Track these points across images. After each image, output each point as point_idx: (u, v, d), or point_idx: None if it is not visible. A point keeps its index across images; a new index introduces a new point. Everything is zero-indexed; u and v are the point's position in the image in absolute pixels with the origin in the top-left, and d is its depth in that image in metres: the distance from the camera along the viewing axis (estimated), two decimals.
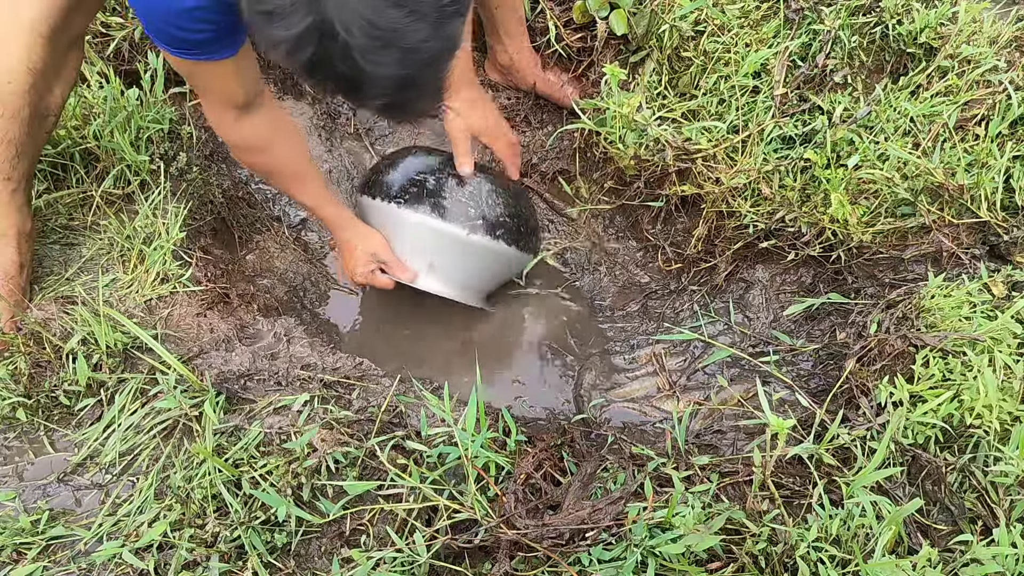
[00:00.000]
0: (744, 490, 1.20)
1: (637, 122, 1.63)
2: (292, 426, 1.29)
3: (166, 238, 1.50)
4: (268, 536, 1.16)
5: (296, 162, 1.49)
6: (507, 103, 1.99)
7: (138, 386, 1.33)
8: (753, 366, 1.61)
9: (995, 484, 1.16)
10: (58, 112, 1.38)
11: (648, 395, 1.70)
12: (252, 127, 1.35)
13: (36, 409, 1.33)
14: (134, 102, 1.62)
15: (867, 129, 1.57)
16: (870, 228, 1.53)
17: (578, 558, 1.08)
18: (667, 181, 1.71)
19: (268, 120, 1.37)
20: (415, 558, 1.10)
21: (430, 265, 1.66)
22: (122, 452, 1.29)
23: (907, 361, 1.31)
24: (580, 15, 1.78)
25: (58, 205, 1.55)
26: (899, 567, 1.00)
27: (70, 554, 1.19)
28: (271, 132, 1.39)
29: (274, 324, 1.54)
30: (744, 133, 1.61)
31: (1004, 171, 1.48)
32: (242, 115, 1.32)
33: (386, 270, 1.66)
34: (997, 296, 1.38)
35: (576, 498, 1.16)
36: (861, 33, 1.65)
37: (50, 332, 1.35)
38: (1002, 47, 1.60)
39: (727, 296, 1.78)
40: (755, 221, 1.62)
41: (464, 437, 1.17)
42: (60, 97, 1.37)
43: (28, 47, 1.25)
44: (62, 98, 1.37)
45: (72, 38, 1.32)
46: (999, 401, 1.19)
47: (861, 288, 1.58)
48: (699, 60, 1.67)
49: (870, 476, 1.11)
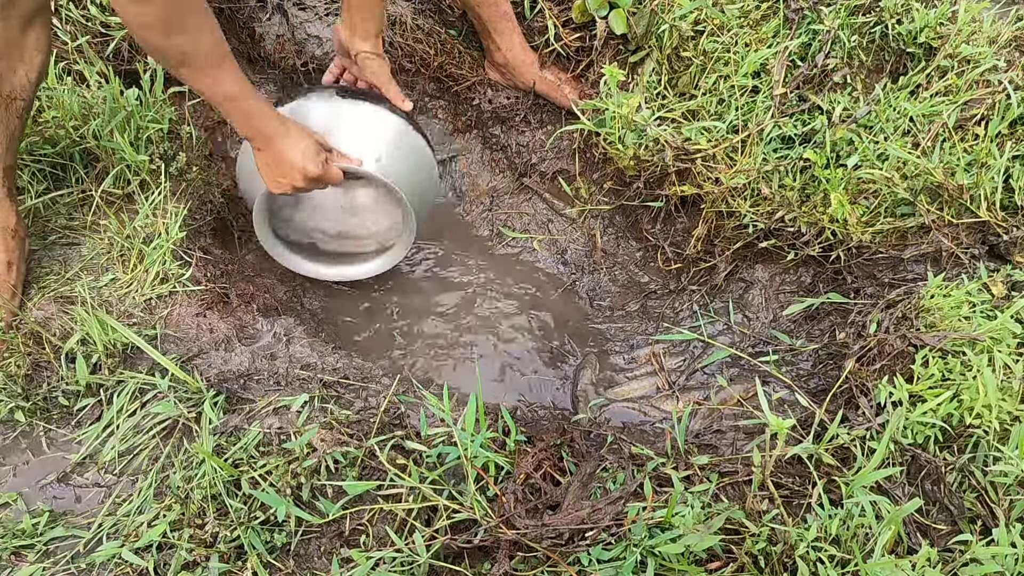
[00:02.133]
0: (744, 490, 1.20)
1: (636, 122, 1.63)
2: (292, 426, 1.29)
3: (166, 238, 1.50)
4: (268, 536, 1.16)
5: (211, 41, 1.26)
6: (506, 102, 1.99)
7: (137, 386, 1.33)
8: (753, 366, 1.61)
9: (995, 484, 1.16)
10: (28, 96, 1.33)
11: (647, 395, 1.70)
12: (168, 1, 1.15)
13: (35, 410, 1.33)
14: (134, 102, 1.62)
15: (867, 129, 1.57)
16: (870, 228, 1.53)
17: (578, 558, 1.08)
18: (667, 181, 1.71)
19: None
20: (415, 558, 1.10)
21: (377, 159, 1.54)
22: (121, 452, 1.29)
23: (907, 361, 1.31)
24: (579, 14, 1.77)
25: (58, 205, 1.55)
26: (898, 567, 1.00)
27: (69, 555, 1.19)
28: (179, 6, 1.18)
29: (274, 324, 1.54)
30: (744, 133, 1.61)
31: (1004, 171, 1.48)
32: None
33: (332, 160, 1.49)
34: (996, 296, 1.38)
35: (576, 498, 1.16)
36: (861, 33, 1.65)
37: (50, 332, 1.35)
38: (1002, 47, 1.60)
39: (727, 296, 1.78)
40: (755, 221, 1.62)
41: (463, 437, 1.17)
42: (27, 79, 1.32)
43: None
44: (29, 81, 1.32)
45: (25, 15, 1.26)
46: (998, 401, 1.19)
47: (861, 288, 1.58)
48: (699, 60, 1.67)
49: (870, 476, 1.11)
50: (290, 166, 1.43)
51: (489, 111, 2.01)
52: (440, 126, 2.09)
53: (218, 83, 1.29)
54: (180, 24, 1.19)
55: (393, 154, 1.55)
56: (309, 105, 1.53)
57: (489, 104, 2.00)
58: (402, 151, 1.57)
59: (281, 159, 1.42)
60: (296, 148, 1.41)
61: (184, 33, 1.20)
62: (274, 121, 1.39)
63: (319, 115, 1.52)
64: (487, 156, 2.00)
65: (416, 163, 1.61)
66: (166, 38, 1.19)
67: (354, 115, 1.54)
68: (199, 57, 1.25)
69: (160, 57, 1.27)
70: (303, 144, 1.42)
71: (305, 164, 1.42)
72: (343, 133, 1.52)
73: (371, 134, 1.54)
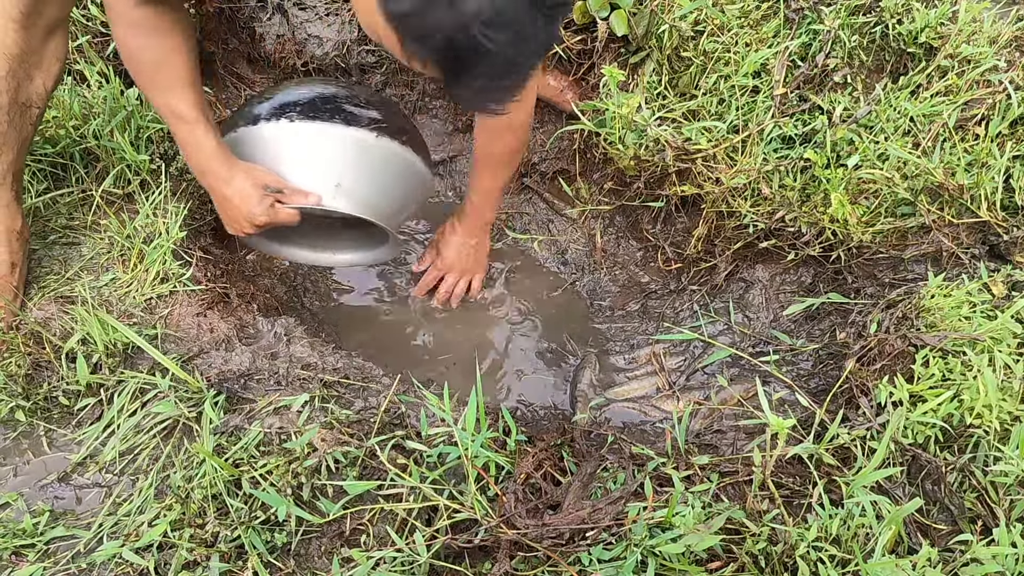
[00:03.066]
0: (744, 490, 1.20)
1: (637, 123, 1.63)
2: (292, 426, 1.29)
3: (166, 237, 1.50)
4: (268, 536, 1.16)
5: (183, 61, 1.27)
6: None
7: (138, 386, 1.33)
8: (753, 366, 1.61)
9: (995, 484, 1.16)
10: (42, 104, 1.35)
11: (648, 395, 1.70)
12: (153, 8, 1.20)
13: (35, 410, 1.33)
14: (134, 101, 1.62)
15: (867, 129, 1.57)
16: (870, 228, 1.53)
17: (578, 558, 1.08)
18: (667, 181, 1.71)
19: (174, 14, 1.23)
20: (415, 558, 1.10)
21: (336, 185, 1.41)
22: (122, 452, 1.29)
23: (907, 361, 1.31)
24: (580, 16, 1.77)
25: (58, 204, 1.55)
26: (899, 567, 1.00)
27: (70, 555, 1.19)
28: (170, 22, 1.23)
29: (274, 324, 1.54)
30: (744, 133, 1.61)
31: (1004, 171, 1.48)
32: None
33: (283, 200, 1.41)
34: (997, 296, 1.38)
35: (576, 498, 1.16)
36: (861, 33, 1.65)
37: (50, 332, 1.35)
38: (1002, 47, 1.60)
39: (727, 296, 1.78)
40: (755, 221, 1.62)
41: (464, 437, 1.17)
42: (43, 88, 1.33)
43: (1, 31, 1.22)
44: (46, 89, 1.34)
45: (49, 24, 1.29)
46: (999, 401, 1.19)
47: (861, 288, 1.58)
48: (699, 60, 1.67)
49: (870, 476, 1.11)
50: (235, 212, 1.40)
51: None
52: (440, 126, 2.09)
53: (183, 99, 1.29)
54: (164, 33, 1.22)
55: (357, 172, 1.43)
56: (258, 133, 1.42)
57: None
58: (368, 165, 1.44)
59: (227, 205, 1.40)
60: (238, 194, 1.37)
61: (163, 41, 1.23)
62: (216, 163, 1.35)
63: (269, 144, 1.41)
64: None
65: (389, 172, 1.48)
66: (145, 38, 1.22)
67: (307, 139, 1.40)
68: (173, 74, 1.27)
69: (134, 57, 1.27)
70: (246, 187, 1.37)
71: (251, 211, 1.38)
72: (295, 162, 1.41)
73: (327, 157, 1.41)
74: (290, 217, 1.42)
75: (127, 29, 1.23)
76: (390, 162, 1.46)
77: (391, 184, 1.49)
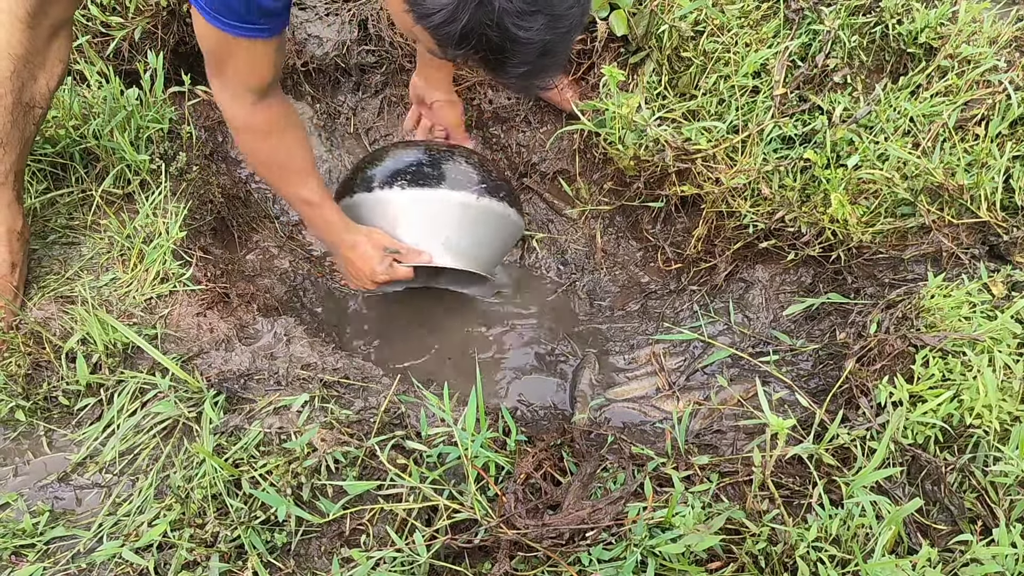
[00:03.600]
0: (744, 490, 1.20)
1: (637, 122, 1.63)
2: (292, 426, 1.29)
3: (166, 237, 1.50)
4: (268, 536, 1.16)
5: (303, 154, 1.45)
6: (507, 103, 1.99)
7: (137, 386, 1.33)
8: (753, 366, 1.61)
9: (995, 484, 1.16)
10: (45, 105, 1.36)
11: (648, 395, 1.70)
12: (267, 111, 1.32)
13: (35, 410, 1.33)
14: (134, 102, 1.62)
15: (867, 129, 1.57)
16: (870, 228, 1.53)
17: (578, 558, 1.08)
18: (667, 181, 1.71)
19: (282, 107, 1.36)
20: (415, 558, 1.10)
21: (444, 242, 1.61)
22: (122, 452, 1.29)
23: (907, 361, 1.31)
24: None
25: (58, 204, 1.55)
26: (899, 567, 1.00)
27: (70, 555, 1.19)
28: (283, 119, 1.37)
29: (274, 324, 1.54)
30: (744, 133, 1.61)
31: (1004, 171, 1.48)
32: (260, 99, 1.30)
33: (400, 260, 1.60)
34: (997, 296, 1.38)
35: (576, 498, 1.16)
36: (861, 33, 1.65)
37: (50, 332, 1.35)
38: (1002, 47, 1.60)
39: (727, 296, 1.78)
40: (755, 221, 1.62)
41: (464, 437, 1.17)
42: (46, 88, 1.34)
43: (7, 31, 1.23)
44: (48, 89, 1.34)
45: (53, 25, 1.30)
46: (999, 401, 1.19)
47: (861, 288, 1.58)
48: (699, 60, 1.67)
49: (870, 476, 1.11)
50: (359, 272, 1.59)
51: (490, 111, 2.01)
52: None
53: (302, 188, 1.46)
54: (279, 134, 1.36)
55: (461, 231, 1.62)
56: (374, 199, 1.61)
57: (489, 104, 2.01)
58: (471, 224, 1.62)
59: (351, 266, 1.59)
60: (362, 258, 1.57)
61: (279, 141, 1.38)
62: (342, 232, 1.55)
63: (385, 209, 1.61)
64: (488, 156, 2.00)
65: (489, 227, 1.65)
66: (262, 141, 1.37)
67: (418, 205, 1.59)
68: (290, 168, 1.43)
69: (254, 158, 1.44)
70: (368, 250, 1.56)
71: (374, 270, 1.57)
72: (408, 225, 1.60)
73: (436, 220, 1.60)
74: (407, 275, 1.60)
75: (253, 136, 1.35)
76: (489, 218, 1.64)
77: (491, 237, 1.68)
